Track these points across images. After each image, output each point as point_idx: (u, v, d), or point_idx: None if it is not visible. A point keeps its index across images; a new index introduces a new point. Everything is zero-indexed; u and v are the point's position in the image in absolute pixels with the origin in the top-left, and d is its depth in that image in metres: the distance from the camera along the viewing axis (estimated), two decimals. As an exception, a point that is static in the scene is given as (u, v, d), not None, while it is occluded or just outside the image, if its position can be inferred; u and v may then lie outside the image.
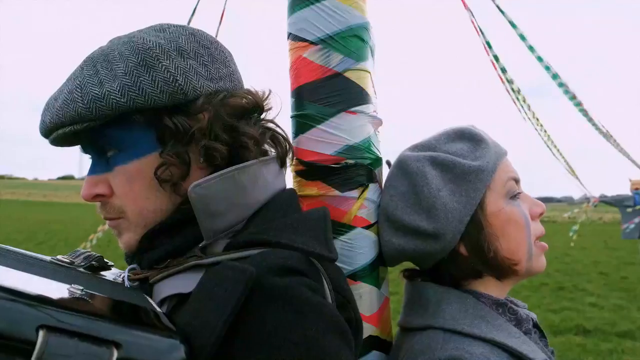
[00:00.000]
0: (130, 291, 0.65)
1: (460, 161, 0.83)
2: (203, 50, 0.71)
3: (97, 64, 0.67)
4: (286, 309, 0.56)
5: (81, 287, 0.50)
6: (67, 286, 0.50)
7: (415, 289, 0.89)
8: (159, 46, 0.67)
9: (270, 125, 0.76)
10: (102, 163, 0.70)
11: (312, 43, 0.87)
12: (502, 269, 0.83)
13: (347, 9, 0.87)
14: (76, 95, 0.65)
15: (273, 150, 0.76)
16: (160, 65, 0.66)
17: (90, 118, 0.64)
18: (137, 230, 0.70)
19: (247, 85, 0.78)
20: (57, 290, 0.49)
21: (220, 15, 1.51)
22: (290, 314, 0.56)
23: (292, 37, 0.90)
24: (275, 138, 0.76)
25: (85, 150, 0.73)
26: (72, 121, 0.65)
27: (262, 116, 0.76)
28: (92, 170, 0.71)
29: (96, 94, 0.64)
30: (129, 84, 0.64)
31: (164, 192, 0.68)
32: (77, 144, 0.73)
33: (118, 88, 0.64)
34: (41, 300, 0.45)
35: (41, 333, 0.42)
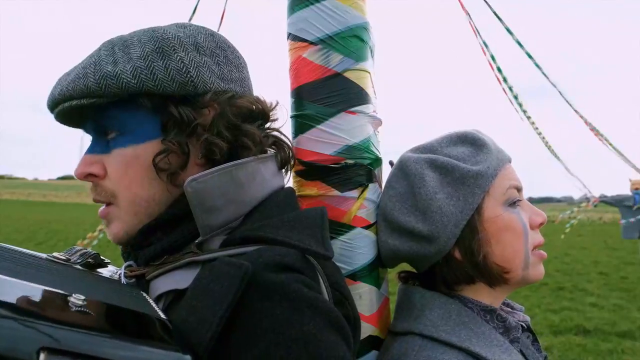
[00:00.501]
0: (128, 289, 0.65)
1: (460, 165, 0.83)
2: (219, 51, 0.73)
3: (115, 46, 0.69)
4: (283, 304, 0.56)
5: (83, 297, 0.48)
6: (68, 296, 0.48)
7: (404, 293, 0.89)
8: (177, 38, 0.69)
9: (275, 133, 0.77)
10: (101, 144, 0.71)
11: (311, 43, 0.87)
12: (492, 276, 0.82)
13: (346, 9, 0.87)
14: (89, 71, 0.66)
15: (272, 150, 0.76)
16: (175, 55, 0.68)
17: (99, 94, 0.65)
18: (127, 220, 0.69)
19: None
20: (57, 302, 0.47)
21: (221, 15, 1.51)
22: (287, 310, 0.56)
23: (292, 37, 0.90)
24: (279, 144, 0.77)
25: (86, 129, 0.74)
26: (81, 95, 0.66)
27: (267, 125, 0.77)
28: (91, 150, 0.72)
29: (109, 71, 0.65)
30: (142, 66, 0.66)
31: (159, 182, 0.68)
32: (79, 123, 0.74)
33: (131, 69, 0.65)
34: (42, 318, 0.43)
35: (42, 356, 0.40)
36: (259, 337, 0.54)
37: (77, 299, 0.47)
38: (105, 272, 0.71)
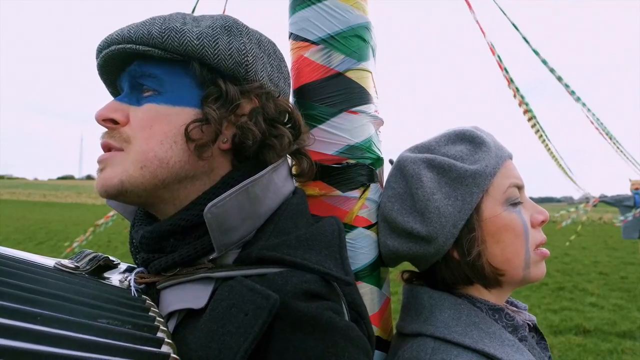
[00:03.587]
0: (138, 311, 0.60)
1: (457, 164, 0.82)
2: (275, 57, 0.76)
3: (187, 16, 0.70)
4: (316, 336, 0.54)
5: None
6: None
7: (411, 293, 0.88)
8: (246, 27, 0.72)
9: (300, 145, 0.76)
10: (133, 97, 0.69)
11: (313, 43, 0.87)
12: (486, 277, 0.82)
13: (348, 8, 0.87)
14: (156, 22, 0.67)
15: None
16: (240, 38, 0.69)
17: (158, 44, 0.65)
18: (130, 169, 0.65)
19: None
20: None
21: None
22: (321, 341, 0.54)
23: (293, 37, 0.90)
24: (300, 154, 0.76)
25: (120, 83, 0.72)
26: (140, 41, 0.65)
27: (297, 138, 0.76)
28: (120, 98, 0.70)
29: (175, 27, 0.66)
30: (208, 34, 0.67)
31: (179, 148, 0.66)
32: (114, 78, 0.73)
33: (197, 32, 0.66)
34: None
35: None
36: None
37: None
38: (114, 277, 0.68)
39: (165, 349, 0.52)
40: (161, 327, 0.56)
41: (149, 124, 0.66)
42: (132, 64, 0.69)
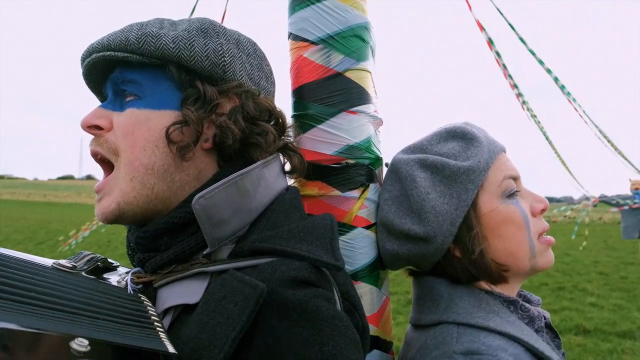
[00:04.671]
0: (134, 305, 0.61)
1: (449, 162, 0.82)
2: (255, 56, 0.77)
3: (164, 20, 0.73)
4: (301, 324, 0.54)
5: (86, 342, 0.44)
6: (70, 340, 0.43)
7: (425, 285, 0.87)
8: (223, 28, 0.73)
9: (287, 139, 0.77)
10: (116, 103, 0.71)
11: (312, 43, 0.87)
12: (491, 273, 0.81)
13: (347, 8, 0.87)
14: (133, 28, 0.68)
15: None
16: (217, 39, 0.71)
17: (135, 49, 0.67)
18: (123, 187, 0.67)
19: None
20: (58, 349, 0.42)
21: (222, 15, 1.51)
22: (305, 329, 0.54)
23: (293, 37, 0.90)
24: (289, 150, 0.76)
25: (105, 90, 0.74)
26: (118, 47, 0.67)
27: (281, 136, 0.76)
28: (104, 105, 0.72)
29: (152, 32, 0.68)
30: (184, 37, 0.68)
31: (162, 152, 0.67)
32: (99, 85, 0.75)
33: (172, 36, 0.68)
34: None
35: None
36: (277, 358, 0.53)
37: (80, 344, 0.43)
38: (112, 277, 0.69)
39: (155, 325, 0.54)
40: (152, 313, 0.58)
41: (130, 130, 0.68)
42: (114, 71, 0.70)
